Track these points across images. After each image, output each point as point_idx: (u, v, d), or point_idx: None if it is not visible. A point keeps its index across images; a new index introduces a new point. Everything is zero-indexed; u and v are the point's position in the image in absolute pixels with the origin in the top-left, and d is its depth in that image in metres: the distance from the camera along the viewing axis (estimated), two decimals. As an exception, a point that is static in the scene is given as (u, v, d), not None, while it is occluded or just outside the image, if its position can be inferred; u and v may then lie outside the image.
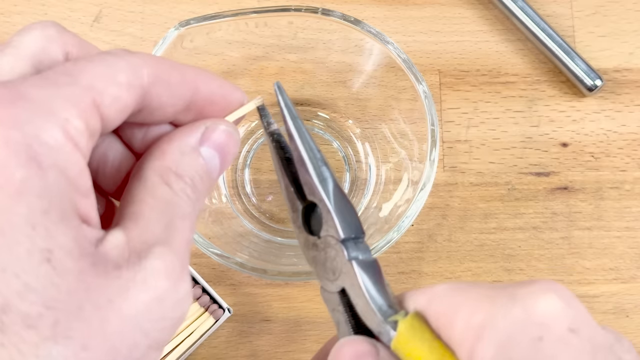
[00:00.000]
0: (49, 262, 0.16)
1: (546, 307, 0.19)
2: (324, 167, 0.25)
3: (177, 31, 0.37)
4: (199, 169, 0.21)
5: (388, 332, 0.21)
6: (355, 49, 0.40)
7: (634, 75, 0.49)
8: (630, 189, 0.47)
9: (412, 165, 0.40)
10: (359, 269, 0.23)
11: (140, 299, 0.18)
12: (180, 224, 0.20)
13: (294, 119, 0.25)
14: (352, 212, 0.24)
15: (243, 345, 0.44)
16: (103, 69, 0.19)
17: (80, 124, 0.18)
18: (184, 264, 0.19)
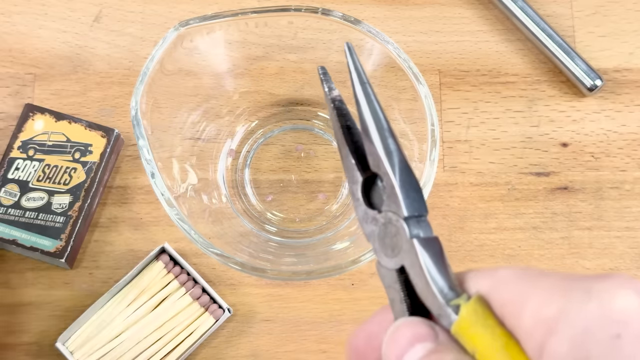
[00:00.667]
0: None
1: (624, 304, 0.18)
2: (390, 138, 0.24)
3: (177, 31, 0.37)
4: None
5: (449, 315, 0.20)
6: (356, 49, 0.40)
7: (634, 75, 0.49)
8: (630, 189, 0.47)
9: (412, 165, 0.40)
10: (421, 248, 0.22)
11: None
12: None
13: (363, 84, 0.24)
14: (417, 188, 0.23)
15: (243, 345, 0.44)
16: None
17: None
18: None
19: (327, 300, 0.45)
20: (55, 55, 0.48)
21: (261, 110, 0.46)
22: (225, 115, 0.45)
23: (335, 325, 0.44)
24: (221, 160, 0.46)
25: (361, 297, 0.44)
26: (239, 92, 0.45)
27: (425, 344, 0.21)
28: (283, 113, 0.46)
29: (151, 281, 0.43)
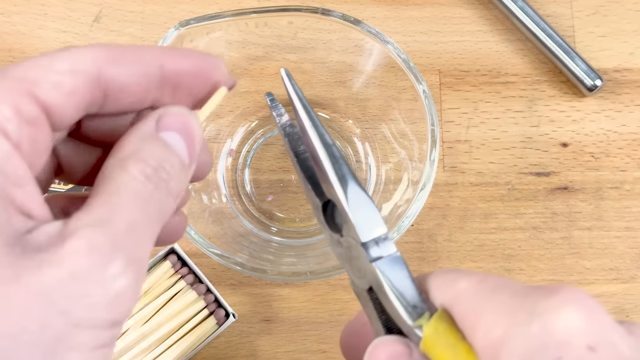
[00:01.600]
0: None
1: (566, 323, 0.18)
2: (339, 164, 0.24)
3: (177, 31, 0.37)
4: (163, 153, 0.21)
5: (416, 334, 0.21)
6: (355, 49, 0.40)
7: (634, 75, 0.49)
8: (630, 189, 0.47)
9: (412, 165, 0.40)
10: (382, 271, 0.22)
11: (52, 276, 0.17)
12: (126, 203, 0.19)
13: (306, 110, 0.24)
14: (371, 210, 0.23)
15: (243, 345, 0.44)
16: (39, 61, 0.19)
17: (6, 111, 0.18)
18: (118, 243, 0.18)
19: (327, 300, 0.45)
20: (55, 55, 0.48)
21: (261, 110, 0.46)
22: (225, 115, 0.45)
23: (335, 325, 0.44)
24: (221, 160, 0.46)
25: (361, 297, 0.44)
26: (239, 92, 0.45)
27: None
28: (283, 113, 0.46)
29: (157, 281, 0.43)
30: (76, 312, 0.18)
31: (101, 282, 0.18)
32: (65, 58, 0.20)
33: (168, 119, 0.21)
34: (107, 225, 0.18)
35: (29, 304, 0.17)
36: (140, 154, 0.20)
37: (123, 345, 0.41)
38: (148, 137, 0.21)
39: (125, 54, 0.21)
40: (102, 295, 0.18)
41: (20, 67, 0.19)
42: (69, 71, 0.20)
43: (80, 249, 0.18)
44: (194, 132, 0.22)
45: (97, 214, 0.19)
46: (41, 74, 0.19)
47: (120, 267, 0.18)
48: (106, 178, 0.20)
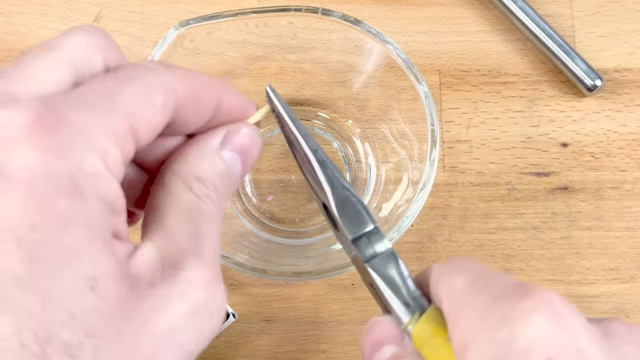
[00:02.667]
0: (93, 290, 0.16)
1: (531, 331, 0.18)
2: (325, 167, 0.25)
3: (177, 31, 0.37)
4: (219, 172, 0.21)
5: (409, 332, 0.22)
6: (355, 49, 0.40)
7: (634, 75, 0.49)
8: (630, 189, 0.47)
9: (412, 165, 0.40)
10: (375, 271, 0.23)
11: (177, 314, 0.18)
12: (207, 230, 0.20)
13: (293, 120, 0.26)
14: (356, 206, 0.24)
15: (243, 345, 0.44)
16: (141, 91, 0.19)
17: (117, 153, 0.18)
18: (217, 271, 0.19)
19: (327, 300, 0.45)
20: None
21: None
22: (225, 115, 0.45)
23: (335, 325, 0.44)
24: (221, 160, 0.46)
25: (361, 297, 0.44)
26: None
27: (391, 347, 0.22)
28: (283, 113, 0.46)
29: None
30: (188, 346, 0.18)
31: (212, 314, 0.19)
32: (161, 90, 0.20)
33: (236, 138, 0.22)
34: (201, 254, 0.19)
35: (157, 348, 0.17)
36: (201, 171, 0.21)
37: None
38: (211, 153, 0.21)
39: (202, 92, 0.21)
40: (211, 328, 0.19)
41: (126, 94, 0.19)
42: (162, 107, 0.20)
43: (196, 282, 0.18)
44: (253, 154, 0.23)
45: (184, 241, 0.19)
46: (142, 108, 0.19)
47: (224, 296, 0.19)
48: (172, 194, 0.20)
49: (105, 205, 0.18)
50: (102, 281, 0.17)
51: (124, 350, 0.17)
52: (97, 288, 0.17)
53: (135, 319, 0.17)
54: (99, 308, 0.16)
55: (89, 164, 0.17)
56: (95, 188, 0.17)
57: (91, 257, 0.17)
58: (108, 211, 0.18)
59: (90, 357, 0.16)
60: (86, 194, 0.17)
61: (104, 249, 0.17)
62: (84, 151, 0.17)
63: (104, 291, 0.17)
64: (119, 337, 0.17)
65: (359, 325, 0.44)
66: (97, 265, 0.17)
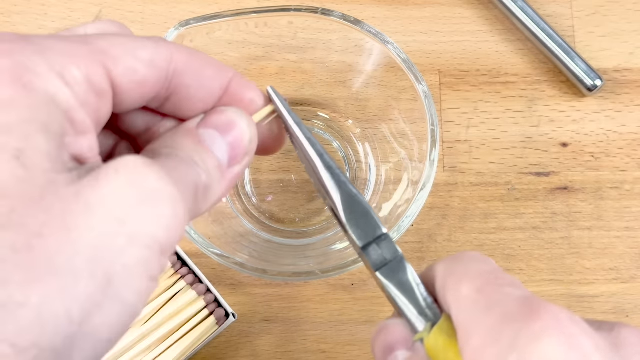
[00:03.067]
0: (17, 159, 0.16)
1: (542, 356, 0.18)
2: (333, 172, 0.24)
3: (177, 31, 0.37)
4: (193, 148, 0.21)
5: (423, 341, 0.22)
6: (355, 49, 0.40)
7: (634, 75, 0.49)
8: (630, 189, 0.47)
9: (412, 165, 0.40)
10: (386, 279, 0.23)
11: (110, 186, 0.17)
12: (168, 162, 0.19)
13: (299, 125, 0.25)
14: (365, 214, 0.24)
15: (243, 345, 0.44)
16: (126, 41, 0.19)
17: (77, 73, 0.18)
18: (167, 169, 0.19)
19: (327, 300, 0.45)
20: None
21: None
22: (225, 115, 0.45)
23: (335, 325, 0.44)
24: (221, 160, 0.46)
25: (361, 297, 0.44)
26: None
27: (403, 352, 0.22)
28: (283, 113, 0.46)
29: None
30: (132, 222, 0.17)
31: (155, 192, 0.18)
32: (149, 47, 0.20)
33: (212, 118, 0.22)
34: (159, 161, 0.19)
35: (88, 216, 0.17)
36: (173, 145, 0.20)
37: (123, 345, 0.41)
38: (184, 131, 0.21)
39: (204, 67, 0.21)
40: (156, 206, 0.18)
41: (105, 39, 0.19)
42: (148, 62, 0.20)
43: (134, 161, 0.18)
44: (239, 134, 0.22)
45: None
46: (122, 54, 0.19)
47: (168, 181, 0.18)
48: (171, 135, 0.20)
49: (54, 104, 0.17)
50: (29, 154, 0.17)
51: (44, 213, 0.16)
52: (21, 158, 0.16)
53: (64, 191, 0.17)
54: (20, 174, 0.16)
55: (38, 67, 0.17)
56: (42, 85, 0.17)
57: (23, 134, 0.17)
58: (57, 111, 0.17)
59: (4, 216, 0.16)
60: (29, 87, 0.17)
61: (41, 132, 0.17)
62: (36, 58, 0.18)
63: (30, 162, 0.16)
64: (41, 200, 0.16)
65: (359, 325, 0.44)
66: (27, 141, 0.17)
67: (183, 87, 0.21)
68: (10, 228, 0.16)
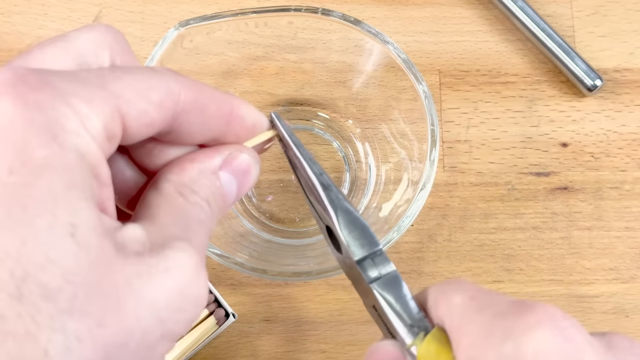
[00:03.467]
0: (73, 237, 0.16)
1: (537, 345, 0.18)
2: (329, 190, 0.25)
3: (177, 31, 0.37)
4: (214, 191, 0.21)
5: (412, 353, 0.22)
6: (355, 49, 0.40)
7: (634, 75, 0.49)
8: (630, 189, 0.47)
9: (412, 165, 0.40)
10: (379, 293, 0.23)
11: (162, 287, 0.18)
12: (196, 227, 0.20)
13: (298, 146, 0.26)
14: (362, 229, 0.24)
15: (243, 345, 0.44)
16: (138, 83, 0.19)
17: (97, 123, 0.18)
18: (203, 261, 0.19)
19: (327, 300, 0.45)
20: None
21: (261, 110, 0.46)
22: (225, 115, 0.45)
23: (335, 325, 0.44)
24: (221, 160, 0.46)
25: (361, 297, 0.44)
26: (239, 92, 0.45)
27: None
28: (283, 113, 0.46)
29: None
30: (169, 324, 0.18)
31: (195, 298, 0.19)
32: (160, 88, 0.20)
33: (236, 162, 0.23)
34: (190, 241, 0.19)
35: (139, 313, 0.17)
36: (197, 186, 0.21)
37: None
38: (209, 172, 0.22)
39: (209, 105, 0.21)
40: (192, 312, 0.19)
41: (119, 80, 0.19)
42: (158, 104, 0.20)
43: (183, 262, 0.18)
44: (249, 181, 0.23)
45: (173, 229, 0.19)
46: (134, 97, 0.19)
47: (207, 285, 0.19)
48: (164, 195, 0.20)
49: (85, 162, 0.17)
50: (82, 230, 0.17)
51: (104, 302, 0.17)
52: (76, 236, 0.16)
53: (118, 277, 0.17)
54: (79, 256, 0.16)
55: (68, 121, 0.17)
56: (74, 142, 0.17)
57: (69, 204, 0.17)
58: (88, 168, 0.18)
59: (68, 302, 0.16)
60: (64, 145, 0.17)
61: (82, 199, 0.17)
62: (64, 110, 0.17)
63: (84, 240, 0.16)
64: (99, 288, 0.16)
65: (359, 325, 0.44)
66: (76, 213, 0.17)
67: (186, 123, 0.21)
68: (75, 315, 0.16)
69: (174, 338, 0.19)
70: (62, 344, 0.16)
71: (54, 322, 0.16)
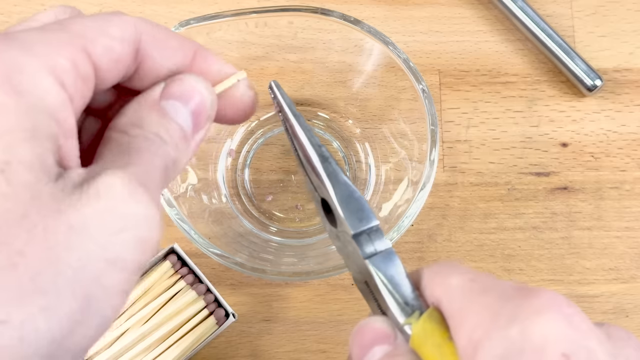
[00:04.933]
0: (2, 173, 0.16)
1: (544, 329, 0.18)
2: (328, 162, 0.25)
3: (177, 31, 0.37)
4: (159, 122, 0.21)
5: (406, 331, 0.22)
6: (355, 49, 0.40)
7: (634, 75, 0.49)
8: (630, 189, 0.47)
9: (412, 165, 0.40)
10: (375, 268, 0.23)
11: (91, 210, 0.17)
12: (136, 155, 0.19)
13: (296, 116, 0.26)
14: (359, 203, 0.24)
15: (243, 345, 0.44)
16: (96, 22, 0.20)
17: (65, 63, 0.18)
18: (143, 183, 0.19)
19: (327, 300, 0.45)
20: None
21: (261, 110, 0.46)
22: (225, 115, 0.45)
23: (335, 325, 0.44)
24: (221, 160, 0.46)
25: (361, 297, 0.44)
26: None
27: (383, 347, 0.22)
28: (283, 113, 0.46)
29: (157, 281, 0.43)
30: (112, 247, 0.18)
31: (135, 218, 0.18)
32: (117, 24, 0.20)
33: (173, 88, 0.22)
34: (128, 168, 0.19)
35: (70, 239, 0.17)
36: (137, 121, 0.20)
37: (123, 345, 0.41)
38: (148, 106, 0.21)
39: (168, 39, 0.22)
40: (134, 233, 0.18)
41: (78, 23, 0.19)
42: (120, 38, 0.20)
43: (113, 185, 0.18)
44: (200, 101, 0.22)
45: (114, 162, 0.19)
46: (96, 34, 0.19)
47: (149, 206, 0.18)
48: (108, 140, 0.20)
49: (42, 105, 0.18)
50: (14, 166, 0.17)
51: (26, 232, 0.16)
52: (6, 172, 0.16)
53: (48, 208, 0.17)
54: (4, 191, 0.16)
55: (28, 65, 0.18)
56: (31, 86, 0.17)
57: (8, 143, 0.17)
58: (45, 112, 0.18)
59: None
60: (18, 88, 0.17)
61: (28, 139, 0.17)
62: (24, 56, 0.18)
63: (14, 176, 0.17)
64: (23, 219, 0.16)
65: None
66: (13, 152, 0.17)
67: (148, 58, 0.21)
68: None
69: (126, 266, 0.18)
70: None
71: None
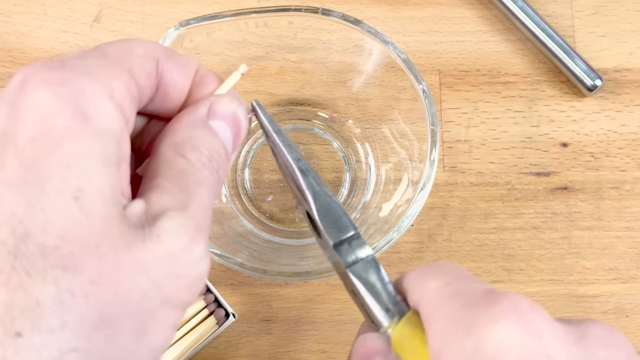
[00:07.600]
0: (77, 200, 0.17)
1: (498, 339, 0.18)
2: (307, 175, 0.25)
3: (177, 31, 0.37)
4: (212, 141, 0.22)
5: (389, 337, 0.22)
6: (355, 49, 0.40)
7: (634, 75, 0.49)
8: (630, 189, 0.47)
9: (412, 165, 0.40)
10: (356, 276, 0.24)
11: (153, 253, 0.18)
12: (195, 190, 0.20)
13: (278, 133, 0.26)
14: (336, 212, 0.25)
15: (243, 345, 0.44)
16: (123, 44, 0.21)
17: (121, 86, 0.19)
18: (199, 227, 0.20)
19: (327, 300, 0.45)
20: (55, 55, 0.48)
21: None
22: (225, 115, 0.45)
23: (335, 325, 0.44)
24: (221, 160, 0.46)
25: (361, 297, 0.44)
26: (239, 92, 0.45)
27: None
28: (283, 113, 0.46)
29: None
30: (168, 289, 0.19)
31: (189, 263, 0.19)
32: (138, 44, 0.21)
33: (219, 108, 0.23)
34: (184, 209, 0.19)
35: (134, 276, 0.18)
36: (193, 141, 0.21)
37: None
38: (200, 124, 0.22)
39: (177, 56, 0.22)
40: (189, 277, 0.19)
41: (110, 47, 0.20)
42: (146, 55, 0.21)
43: (172, 230, 0.19)
44: (240, 123, 0.23)
45: (171, 197, 0.20)
46: (129, 55, 0.20)
47: (202, 250, 0.20)
48: (165, 161, 0.21)
49: (109, 131, 0.18)
50: (89, 194, 0.17)
51: (99, 262, 0.17)
52: (81, 199, 0.17)
53: (116, 242, 0.18)
54: (79, 219, 0.17)
55: (93, 92, 0.18)
56: (98, 113, 0.18)
57: (82, 170, 0.17)
58: (112, 138, 0.18)
59: (61, 259, 0.17)
60: (88, 115, 0.18)
61: (100, 165, 0.18)
62: (88, 83, 0.18)
63: (88, 205, 0.17)
64: (96, 249, 0.17)
65: (359, 325, 0.44)
66: (87, 179, 0.17)
67: (167, 72, 0.22)
68: (69, 271, 0.17)
69: (178, 305, 0.19)
70: (55, 296, 0.17)
71: (47, 276, 0.17)
